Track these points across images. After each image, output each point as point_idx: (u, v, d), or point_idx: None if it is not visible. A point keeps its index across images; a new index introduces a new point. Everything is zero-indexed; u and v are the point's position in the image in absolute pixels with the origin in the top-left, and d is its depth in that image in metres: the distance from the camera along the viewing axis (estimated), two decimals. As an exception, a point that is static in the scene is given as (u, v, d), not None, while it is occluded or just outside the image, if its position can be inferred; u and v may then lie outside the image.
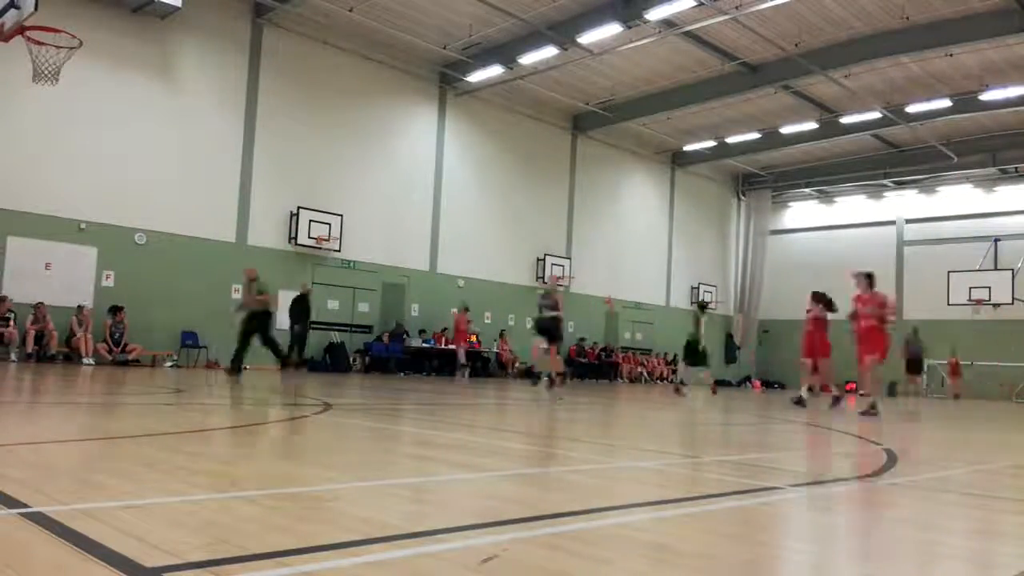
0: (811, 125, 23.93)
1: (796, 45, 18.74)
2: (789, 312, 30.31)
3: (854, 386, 27.44)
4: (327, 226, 18.92)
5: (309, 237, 18.63)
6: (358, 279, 19.99)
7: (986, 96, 20.63)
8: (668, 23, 17.89)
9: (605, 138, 25.99)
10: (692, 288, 29.77)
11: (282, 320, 18.45)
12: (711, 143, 26.87)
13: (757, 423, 8.65)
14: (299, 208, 18.57)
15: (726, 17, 16.90)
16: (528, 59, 19.50)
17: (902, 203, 28.59)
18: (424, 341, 20.39)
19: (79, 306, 15.17)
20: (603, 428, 7.10)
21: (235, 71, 17.85)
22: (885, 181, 28.31)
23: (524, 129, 23.82)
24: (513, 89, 22.38)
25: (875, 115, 22.44)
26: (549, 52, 19.08)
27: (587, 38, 18.13)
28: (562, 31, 18.25)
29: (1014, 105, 21.03)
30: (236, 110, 17.85)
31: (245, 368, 12.59)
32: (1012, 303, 24.45)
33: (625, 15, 17.17)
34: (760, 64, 20.78)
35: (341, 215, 19.24)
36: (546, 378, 13.08)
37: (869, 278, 10.82)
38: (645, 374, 26.07)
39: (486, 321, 22.55)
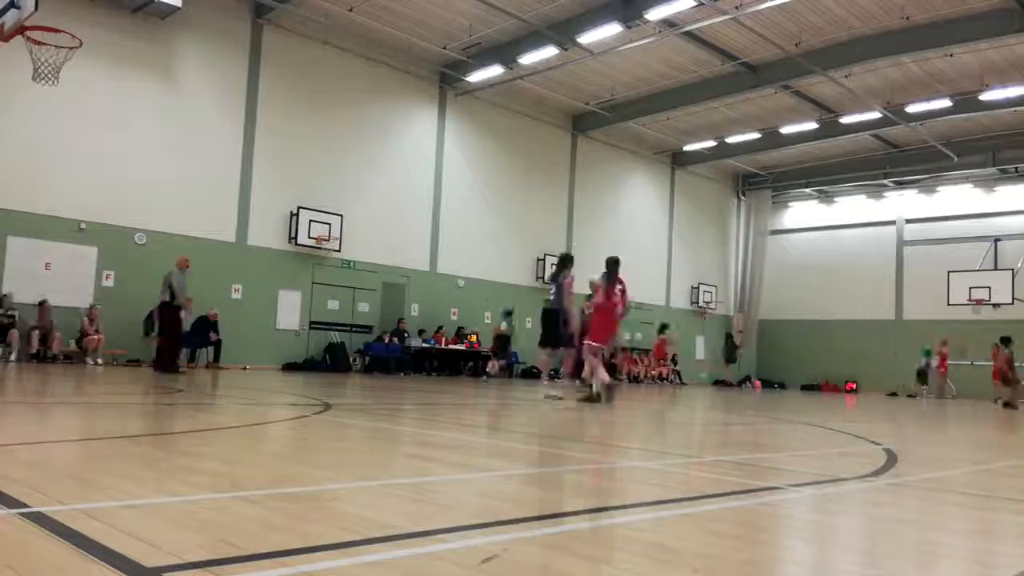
0: (811, 125, 23.92)
1: (796, 45, 18.74)
2: (789, 312, 30.38)
3: (854, 385, 27.58)
4: (327, 226, 18.91)
5: (309, 237, 18.61)
6: (358, 279, 19.98)
7: (986, 96, 20.60)
8: (668, 23, 17.89)
9: (605, 138, 25.98)
10: (692, 288, 29.76)
11: (286, 320, 18.42)
12: (711, 143, 26.85)
13: (757, 423, 8.65)
14: (299, 208, 18.56)
15: (726, 17, 16.89)
16: (528, 59, 19.48)
17: (902, 203, 28.57)
18: (424, 341, 20.38)
19: (91, 305, 15.25)
20: (603, 428, 7.09)
21: (235, 71, 17.84)
22: (885, 181, 28.29)
23: (524, 129, 23.80)
24: (513, 89, 22.38)
25: (875, 115, 22.41)
26: (549, 52, 19.07)
27: (587, 38, 18.12)
28: (562, 31, 18.24)
29: (1014, 105, 21.02)
30: (236, 110, 17.84)
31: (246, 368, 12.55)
32: (1012, 303, 24.42)
33: (625, 15, 17.16)
34: (760, 64, 20.77)
35: (341, 215, 19.23)
36: None
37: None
38: (643, 373, 26.03)
39: (486, 321, 22.55)
